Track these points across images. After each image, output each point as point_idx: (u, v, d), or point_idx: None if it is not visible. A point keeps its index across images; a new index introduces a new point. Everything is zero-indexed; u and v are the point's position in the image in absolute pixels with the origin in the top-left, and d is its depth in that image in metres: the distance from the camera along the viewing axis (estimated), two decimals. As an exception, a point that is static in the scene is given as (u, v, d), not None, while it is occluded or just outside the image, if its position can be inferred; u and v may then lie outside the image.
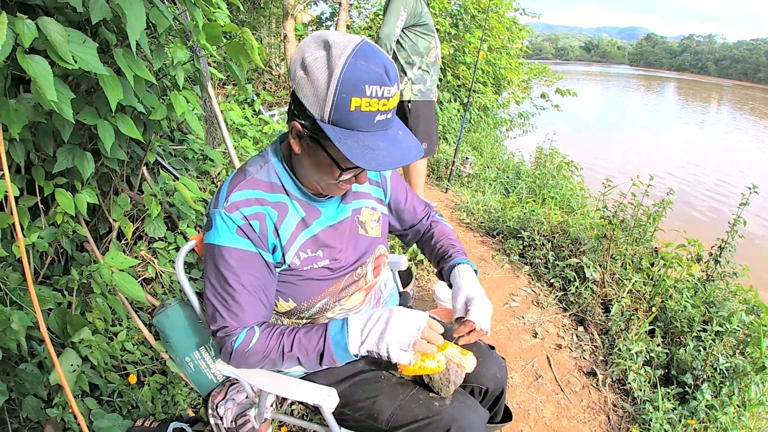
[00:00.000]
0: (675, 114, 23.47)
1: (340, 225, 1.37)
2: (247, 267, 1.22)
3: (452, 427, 1.28)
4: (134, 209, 2.48)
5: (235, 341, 1.22)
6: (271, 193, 1.26)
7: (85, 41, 1.45)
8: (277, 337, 1.25)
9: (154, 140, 2.38)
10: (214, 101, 2.27)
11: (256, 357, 1.24)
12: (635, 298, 3.04)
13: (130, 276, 1.86)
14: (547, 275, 3.56)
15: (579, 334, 3.00)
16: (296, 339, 1.24)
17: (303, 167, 1.23)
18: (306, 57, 1.05)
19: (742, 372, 2.44)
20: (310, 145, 1.14)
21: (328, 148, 1.11)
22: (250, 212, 1.21)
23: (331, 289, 1.37)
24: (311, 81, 1.04)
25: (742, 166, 11.99)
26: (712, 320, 2.67)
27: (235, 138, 3.40)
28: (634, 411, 2.44)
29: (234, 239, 1.20)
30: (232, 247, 1.20)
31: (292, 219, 1.28)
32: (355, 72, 1.01)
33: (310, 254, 1.31)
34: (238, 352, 1.22)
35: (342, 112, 1.03)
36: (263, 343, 1.23)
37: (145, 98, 1.95)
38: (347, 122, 1.05)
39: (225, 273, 1.21)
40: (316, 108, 1.05)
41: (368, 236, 1.45)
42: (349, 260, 1.39)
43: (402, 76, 3.65)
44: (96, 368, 2.00)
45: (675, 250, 3.21)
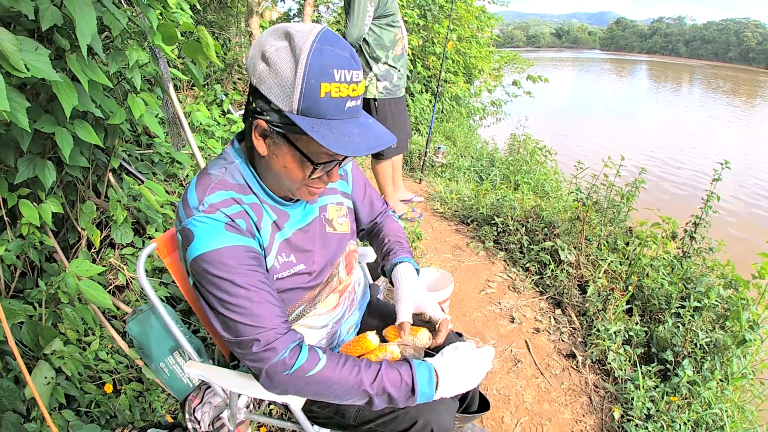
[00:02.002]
0: (647, 96, 23.74)
1: (310, 227, 1.30)
2: (247, 262, 1.11)
3: (419, 419, 1.27)
4: (102, 216, 2.44)
5: (294, 359, 1.08)
6: (243, 194, 1.17)
7: (37, 48, 1.43)
8: (350, 367, 1.12)
9: (117, 145, 2.34)
10: (176, 102, 2.24)
11: (319, 384, 1.10)
12: (611, 278, 3.06)
13: (96, 284, 1.83)
14: (522, 260, 3.57)
15: (557, 317, 3.02)
16: (378, 377, 1.13)
17: (270, 170, 1.14)
18: (266, 49, 1.00)
19: (723, 346, 2.45)
20: (277, 143, 1.07)
21: (297, 142, 1.05)
22: (232, 211, 1.12)
23: (308, 295, 1.30)
24: (275, 72, 0.99)
25: (714, 143, 12.18)
26: (689, 296, 2.68)
27: (203, 139, 3.36)
28: (615, 391, 2.46)
29: (223, 237, 1.09)
30: (224, 246, 1.08)
31: (267, 221, 1.20)
32: (322, 57, 0.97)
33: (285, 258, 1.23)
34: (297, 374, 1.08)
35: (311, 100, 0.98)
36: (334, 371, 1.11)
37: (103, 103, 1.92)
38: (317, 110, 1.00)
39: (228, 277, 1.08)
40: (283, 99, 0.99)
41: (337, 233, 1.39)
42: (322, 262, 1.32)
43: (366, 71, 3.50)
44: (71, 379, 1.96)
45: (650, 229, 3.23)
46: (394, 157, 4.02)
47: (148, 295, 1.35)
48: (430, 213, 4.54)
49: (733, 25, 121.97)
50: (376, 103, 3.61)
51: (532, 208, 3.88)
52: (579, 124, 13.77)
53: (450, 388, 1.16)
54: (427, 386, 1.14)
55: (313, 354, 1.10)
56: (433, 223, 4.31)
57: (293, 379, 1.08)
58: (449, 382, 1.16)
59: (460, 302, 3.16)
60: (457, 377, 1.17)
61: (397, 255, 1.52)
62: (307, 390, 1.11)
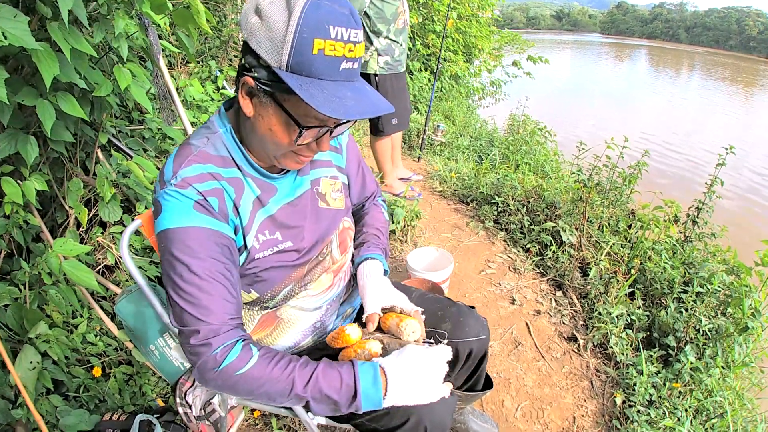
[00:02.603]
0: (647, 81, 23.63)
1: (299, 201, 1.23)
2: (210, 249, 1.04)
3: (411, 416, 1.20)
4: (90, 194, 2.37)
5: (224, 356, 1.00)
6: (224, 167, 1.10)
7: (16, 16, 1.36)
8: (284, 365, 1.04)
9: (106, 120, 2.26)
10: (167, 75, 2.15)
11: (248, 384, 1.02)
12: (613, 261, 3.01)
13: (81, 263, 1.76)
14: (523, 240, 3.52)
15: (558, 299, 2.97)
16: (313, 378, 1.03)
17: (255, 134, 1.07)
18: (261, 3, 0.94)
19: (725, 333, 2.42)
20: (264, 102, 1.00)
21: (285, 103, 0.98)
22: (205, 188, 1.05)
23: (295, 274, 1.23)
24: (267, 25, 0.92)
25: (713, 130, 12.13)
26: (692, 281, 2.65)
27: (196, 114, 3.28)
28: (617, 375, 2.43)
29: (191, 216, 1.03)
30: (189, 226, 1.02)
31: (248, 197, 1.13)
32: (318, 11, 0.90)
33: (269, 237, 1.16)
34: (226, 372, 1.01)
35: (303, 56, 0.91)
36: (264, 370, 1.02)
37: (87, 74, 1.84)
38: (309, 68, 0.92)
39: (185, 260, 1.02)
40: (273, 54, 0.93)
41: (330, 209, 1.31)
42: (312, 239, 1.24)
43: (367, 46, 3.43)
44: (58, 363, 1.91)
45: (652, 212, 3.18)
46: (394, 135, 3.94)
47: (133, 275, 1.28)
48: (429, 192, 4.47)
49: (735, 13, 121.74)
50: (377, 78, 3.52)
51: (534, 188, 3.81)
52: (578, 106, 13.69)
53: (401, 392, 1.03)
54: (372, 388, 1.02)
55: (246, 352, 1.02)
56: (431, 202, 4.25)
57: (222, 376, 1.01)
58: (400, 384, 1.03)
59: (460, 282, 3.11)
60: (408, 379, 1.04)
61: (370, 249, 1.43)
62: (238, 388, 1.03)
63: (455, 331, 1.47)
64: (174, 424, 1.89)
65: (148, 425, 1.79)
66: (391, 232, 3.50)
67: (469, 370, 1.57)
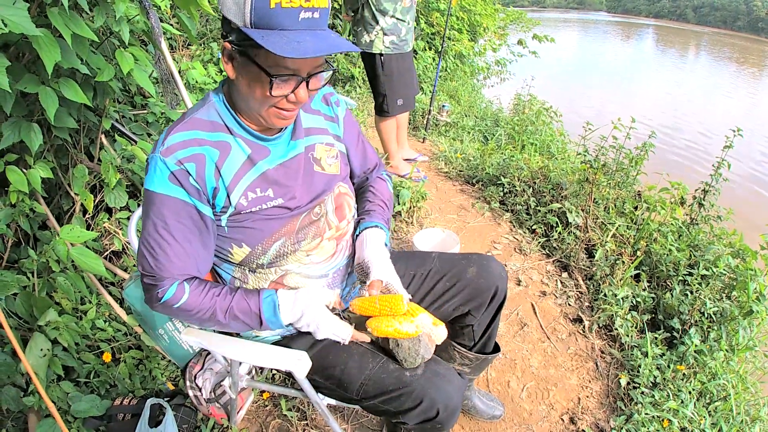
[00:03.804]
0: (654, 61, 23.36)
1: (292, 162, 1.29)
2: (178, 217, 1.18)
3: (424, 399, 1.23)
4: (96, 180, 2.37)
5: (164, 294, 1.19)
6: (211, 132, 1.20)
7: (15, 2, 1.35)
8: (209, 298, 1.23)
9: (109, 105, 2.25)
10: (169, 59, 2.14)
11: (182, 314, 1.23)
12: (619, 243, 3.00)
13: (88, 250, 1.76)
14: (528, 221, 3.50)
15: (563, 280, 2.97)
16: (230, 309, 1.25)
17: (240, 94, 1.16)
18: None
19: (730, 316, 2.43)
20: (240, 62, 1.09)
21: (256, 57, 1.06)
22: (185, 155, 1.15)
23: (285, 229, 1.29)
24: None
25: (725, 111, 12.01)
26: (698, 264, 2.64)
27: (199, 97, 3.26)
28: (622, 357, 2.44)
29: (166, 186, 1.15)
30: (164, 194, 1.15)
31: (237, 157, 1.22)
32: None
33: (260, 194, 1.24)
34: (164, 305, 1.21)
35: (262, 11, 1.00)
36: (194, 302, 1.22)
37: (89, 59, 1.83)
38: (269, 21, 1.01)
39: (155, 220, 1.17)
40: (238, 15, 1.02)
41: (325, 173, 1.36)
42: (304, 199, 1.31)
43: (373, 25, 3.37)
44: (68, 350, 1.92)
45: (658, 194, 3.16)
46: (399, 115, 3.88)
47: None
48: (435, 173, 4.44)
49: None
50: (383, 58, 3.45)
51: (540, 169, 3.78)
52: (586, 87, 13.56)
53: (291, 314, 1.26)
54: (273, 317, 1.25)
55: (180, 290, 1.20)
56: (437, 182, 4.23)
57: (163, 307, 1.21)
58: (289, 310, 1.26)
59: (465, 264, 3.10)
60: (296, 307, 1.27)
61: (374, 218, 1.48)
62: (177, 316, 1.31)
63: (481, 272, 1.58)
64: (184, 407, 1.90)
65: (158, 408, 1.81)
66: (397, 213, 3.49)
67: (490, 315, 1.63)
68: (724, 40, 47.64)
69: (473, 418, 2.08)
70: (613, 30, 45.77)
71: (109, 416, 1.85)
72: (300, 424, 2.01)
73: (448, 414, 1.25)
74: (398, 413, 1.28)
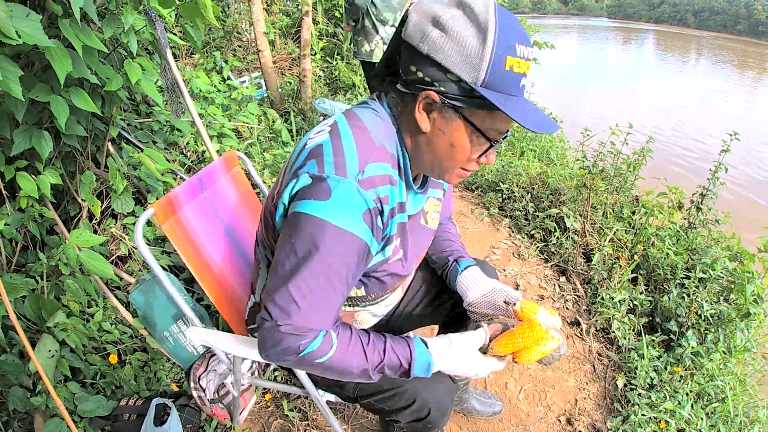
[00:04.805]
0: (654, 66, 23.44)
1: (417, 216, 1.23)
2: (354, 261, 1.01)
3: (417, 399, 1.27)
4: (102, 187, 2.42)
5: (306, 347, 0.98)
6: (394, 168, 1.07)
7: (28, 14, 1.40)
8: (359, 352, 1.06)
9: (116, 114, 2.31)
10: (174, 68, 2.19)
11: (324, 370, 1.05)
12: (617, 247, 3.04)
13: (97, 254, 1.81)
14: (527, 227, 3.53)
15: (561, 284, 3.01)
16: (380, 366, 1.09)
17: (429, 148, 1.06)
18: (440, 16, 0.94)
19: (727, 319, 2.45)
20: (447, 118, 1.00)
21: (472, 118, 0.98)
22: (384, 193, 1.02)
23: (399, 283, 1.26)
24: (456, 40, 0.92)
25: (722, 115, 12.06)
26: (695, 267, 2.67)
27: (203, 106, 3.32)
28: (619, 359, 2.46)
29: (357, 224, 0.98)
30: (350, 232, 0.97)
31: (398, 203, 1.11)
32: (506, 29, 0.92)
33: (397, 245, 1.16)
34: (305, 359, 1.00)
35: (498, 74, 0.93)
36: (341, 357, 1.03)
37: (98, 69, 1.88)
38: (501, 84, 0.94)
39: (326, 259, 0.96)
40: (468, 69, 0.93)
41: (428, 228, 1.31)
42: (414, 253, 1.25)
43: (373, 35, 3.42)
44: (75, 351, 1.97)
45: (656, 198, 3.20)
46: None
47: (148, 263, 1.32)
48: (434, 179, 4.46)
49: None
50: None
51: (538, 175, 3.83)
52: (585, 92, 13.62)
53: (444, 368, 1.16)
54: (423, 373, 1.13)
55: (326, 343, 1.01)
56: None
57: (300, 361, 1.01)
58: (443, 365, 1.15)
59: (465, 270, 3.14)
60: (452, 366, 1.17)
61: (467, 257, 1.47)
62: (313, 370, 1.06)
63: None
64: (189, 408, 1.94)
65: (163, 408, 1.85)
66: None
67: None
68: (725, 44, 47.71)
69: (473, 418, 2.11)
70: (613, 36, 45.89)
71: (114, 416, 1.89)
72: (301, 424, 2.04)
73: (438, 414, 1.29)
74: (392, 412, 1.31)
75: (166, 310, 1.96)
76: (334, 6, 6.24)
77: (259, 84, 4.74)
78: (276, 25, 5.84)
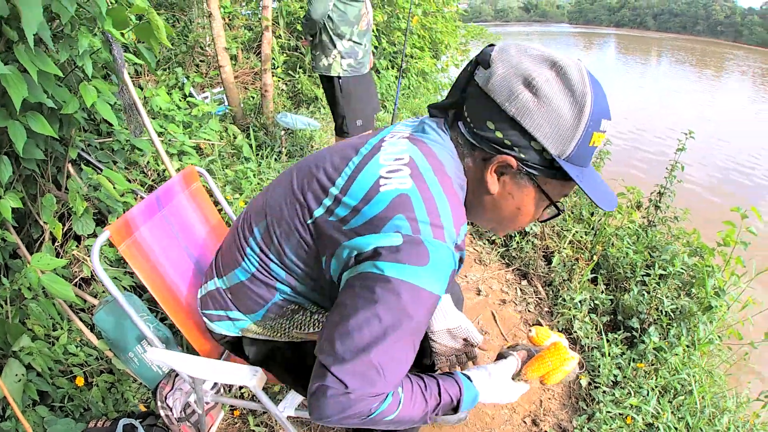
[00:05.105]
0: (615, 69, 23.92)
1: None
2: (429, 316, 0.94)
3: None
4: (64, 208, 2.40)
5: (377, 409, 0.91)
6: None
7: (-18, 42, 1.40)
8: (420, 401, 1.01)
9: (75, 135, 2.30)
10: (132, 88, 2.20)
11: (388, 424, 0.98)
12: (576, 249, 3.11)
13: (59, 277, 1.81)
14: (488, 233, 3.57)
15: (523, 288, 3.07)
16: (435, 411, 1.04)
17: (495, 209, 1.03)
18: (534, 78, 0.88)
19: (689, 313, 2.51)
20: (520, 184, 0.96)
21: (545, 186, 0.96)
22: (463, 254, 0.98)
23: None
24: (550, 109, 0.87)
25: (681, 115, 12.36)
26: (654, 264, 2.73)
27: (162, 124, 3.30)
28: (582, 358, 2.50)
29: (442, 283, 0.91)
30: (435, 293, 0.90)
31: None
32: (598, 105, 0.89)
33: None
34: (374, 419, 0.93)
35: (582, 149, 0.90)
36: (406, 413, 0.98)
37: (55, 93, 1.88)
38: (580, 159, 0.92)
39: (417, 329, 0.91)
40: (556, 142, 0.89)
41: None
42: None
43: (331, 49, 3.46)
44: (42, 375, 1.96)
45: (615, 199, 3.26)
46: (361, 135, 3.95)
47: (106, 286, 1.32)
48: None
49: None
50: (341, 81, 3.51)
51: (499, 182, 3.88)
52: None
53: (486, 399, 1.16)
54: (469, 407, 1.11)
55: (395, 401, 0.95)
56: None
57: (368, 422, 0.94)
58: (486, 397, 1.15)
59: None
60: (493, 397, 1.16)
61: None
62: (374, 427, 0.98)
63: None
64: (156, 427, 1.94)
65: (131, 429, 1.85)
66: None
67: None
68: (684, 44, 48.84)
69: (438, 426, 2.13)
70: (575, 41, 46.70)
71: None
72: (268, 439, 2.06)
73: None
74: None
75: (130, 331, 1.95)
76: (296, 19, 6.26)
77: (221, 99, 4.72)
78: (238, 40, 5.84)
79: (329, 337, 0.90)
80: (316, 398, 0.89)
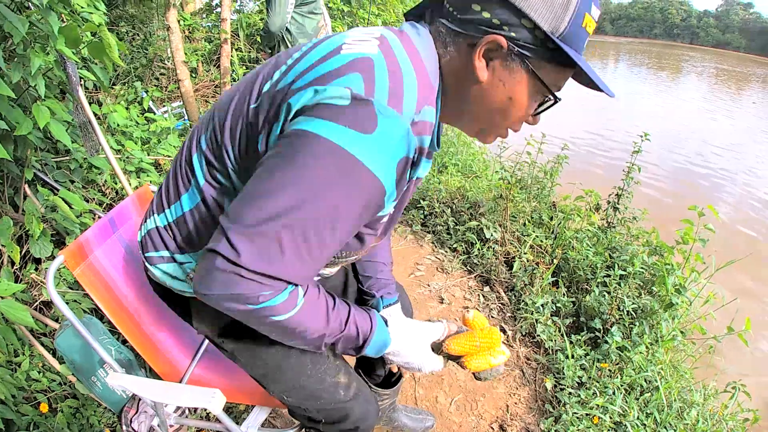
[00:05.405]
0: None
1: (417, 181, 1.04)
2: (367, 213, 0.85)
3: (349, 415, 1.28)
4: (23, 231, 2.36)
5: (266, 299, 0.81)
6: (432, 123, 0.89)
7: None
8: (322, 316, 0.93)
9: (30, 155, 2.26)
10: (86, 107, 2.18)
11: (274, 329, 0.89)
12: (537, 253, 3.16)
13: (16, 302, 1.78)
14: (449, 241, 3.61)
15: (485, 294, 3.10)
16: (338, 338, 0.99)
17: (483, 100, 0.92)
18: None
19: (651, 311, 2.56)
20: (511, 68, 0.86)
21: (540, 71, 0.86)
22: (425, 144, 0.86)
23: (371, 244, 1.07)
24: None
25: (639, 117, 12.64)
26: (615, 265, 2.77)
27: (119, 140, 3.25)
28: (546, 362, 2.55)
29: (389, 171, 0.81)
30: (380, 179, 0.80)
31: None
32: None
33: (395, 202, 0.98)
34: (259, 313, 0.83)
35: (576, 27, 0.83)
36: (302, 318, 0.89)
37: (8, 114, 1.85)
38: (575, 40, 0.84)
39: (342, 209, 0.80)
40: (549, 17, 0.81)
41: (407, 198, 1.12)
42: (394, 222, 1.10)
43: (288, 62, 3.48)
44: (6, 403, 1.92)
45: (573, 203, 3.34)
46: None
47: (62, 311, 1.29)
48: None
49: (658, 3, 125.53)
50: None
51: (458, 189, 3.94)
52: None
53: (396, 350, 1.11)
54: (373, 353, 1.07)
55: (291, 300, 0.85)
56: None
57: (251, 315, 0.84)
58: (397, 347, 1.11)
59: (390, 287, 3.19)
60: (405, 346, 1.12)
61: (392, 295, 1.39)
62: (256, 326, 0.89)
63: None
64: (122, 451, 1.92)
65: (95, 454, 1.83)
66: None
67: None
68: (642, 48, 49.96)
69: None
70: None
71: (48, 466, 1.86)
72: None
73: (363, 430, 1.32)
74: (318, 422, 1.30)
75: (92, 354, 1.92)
76: (256, 31, 6.24)
77: (181, 114, 4.67)
78: (198, 52, 5.79)
79: (239, 199, 0.81)
80: (203, 265, 0.80)
